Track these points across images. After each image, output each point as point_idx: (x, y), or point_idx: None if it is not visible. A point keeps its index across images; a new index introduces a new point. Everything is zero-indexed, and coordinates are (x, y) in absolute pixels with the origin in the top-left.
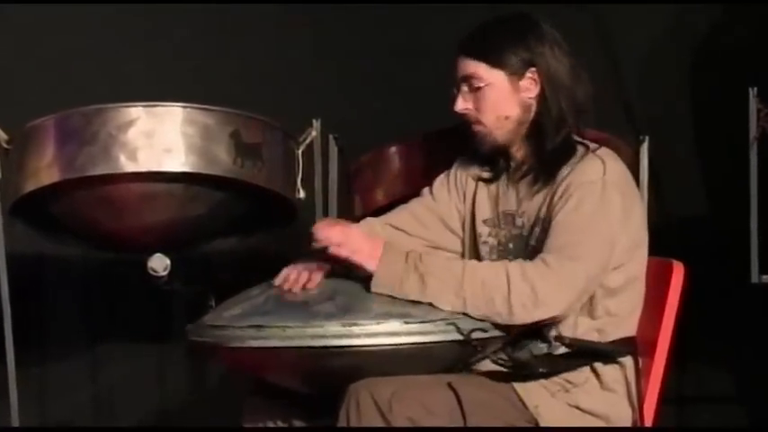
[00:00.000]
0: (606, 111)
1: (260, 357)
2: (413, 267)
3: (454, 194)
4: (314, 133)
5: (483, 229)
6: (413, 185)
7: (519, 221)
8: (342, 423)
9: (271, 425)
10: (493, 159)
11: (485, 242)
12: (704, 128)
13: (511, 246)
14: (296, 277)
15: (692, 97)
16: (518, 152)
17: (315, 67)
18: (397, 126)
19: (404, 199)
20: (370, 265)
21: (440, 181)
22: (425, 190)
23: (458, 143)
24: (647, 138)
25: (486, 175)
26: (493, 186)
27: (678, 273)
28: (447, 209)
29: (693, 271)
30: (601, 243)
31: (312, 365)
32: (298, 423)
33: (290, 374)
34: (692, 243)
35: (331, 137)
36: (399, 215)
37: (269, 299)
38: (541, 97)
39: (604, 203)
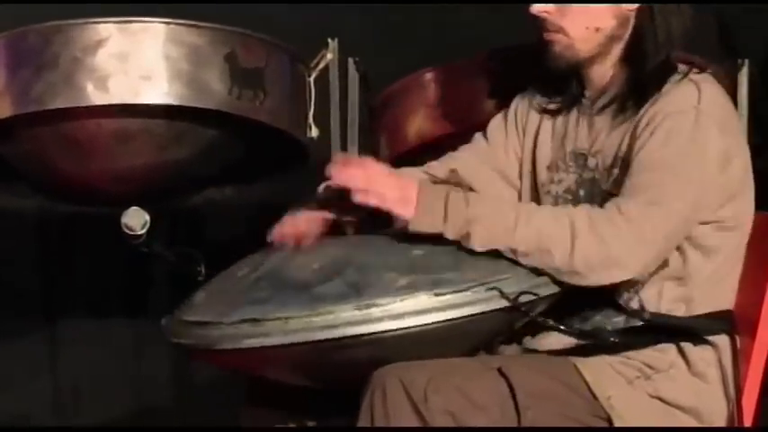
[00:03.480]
0: (700, 34)
1: (259, 358)
2: (455, 212)
3: (513, 137)
4: (329, 56)
5: (546, 176)
6: (453, 122)
7: (592, 162)
8: (364, 418)
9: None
10: (563, 85)
11: (548, 192)
12: None
13: (582, 193)
14: (292, 233)
15: None
16: (600, 77)
17: None
18: (432, 48)
19: (441, 139)
20: (403, 211)
21: (496, 123)
22: (478, 135)
23: (513, 68)
24: (746, 62)
25: (552, 105)
26: (560, 121)
27: None
28: (504, 157)
29: None
30: (691, 186)
31: (324, 361)
32: (310, 423)
33: (297, 373)
34: None
35: (351, 60)
36: (446, 166)
37: (263, 280)
38: (645, 11)
39: (697, 138)
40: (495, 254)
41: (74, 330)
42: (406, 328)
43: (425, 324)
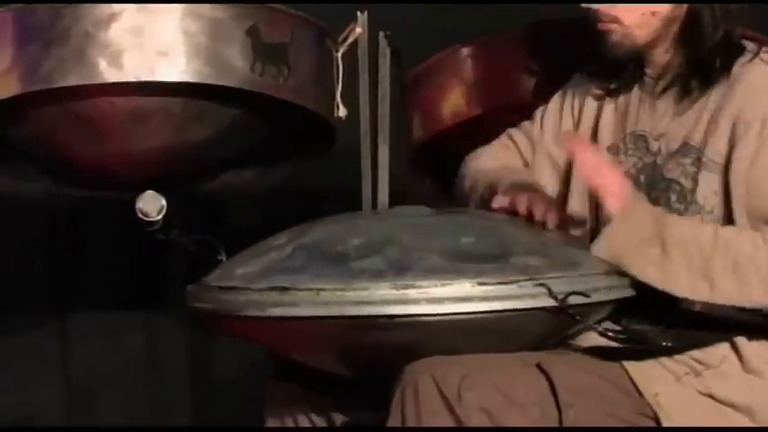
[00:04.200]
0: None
1: (285, 330)
2: (656, 232)
3: (567, 122)
4: (358, 30)
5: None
6: (491, 101)
7: (654, 146)
8: (394, 416)
9: (302, 418)
10: (621, 66)
11: None
12: None
13: (642, 179)
14: (544, 209)
15: None
16: (660, 57)
17: None
18: (469, 21)
19: (479, 120)
20: (612, 205)
21: (552, 107)
22: (526, 123)
23: (556, 43)
24: None
25: (612, 86)
26: (621, 101)
27: None
28: (555, 144)
29: None
30: None
31: (354, 340)
32: (337, 417)
33: (324, 352)
34: None
35: (381, 35)
36: (500, 154)
37: (298, 250)
38: None
39: None
40: (549, 250)
41: (85, 324)
42: (442, 314)
43: (464, 312)
